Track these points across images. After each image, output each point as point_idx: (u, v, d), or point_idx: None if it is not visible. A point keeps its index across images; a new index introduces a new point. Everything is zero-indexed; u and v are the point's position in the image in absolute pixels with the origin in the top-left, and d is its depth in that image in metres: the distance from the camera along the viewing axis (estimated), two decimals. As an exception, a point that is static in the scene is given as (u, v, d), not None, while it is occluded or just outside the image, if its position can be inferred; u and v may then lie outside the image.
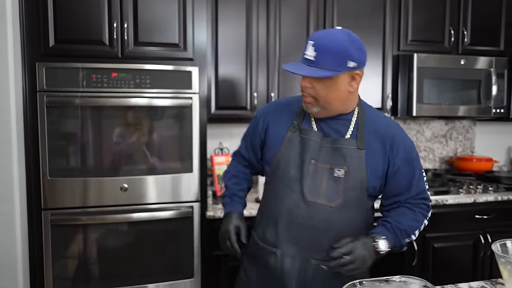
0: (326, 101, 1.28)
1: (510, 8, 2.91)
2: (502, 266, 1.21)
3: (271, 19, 2.51)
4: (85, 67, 1.97)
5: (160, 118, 2.10)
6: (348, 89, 1.28)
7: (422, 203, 1.37)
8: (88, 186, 2.02)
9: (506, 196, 2.62)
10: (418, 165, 1.36)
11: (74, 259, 2.04)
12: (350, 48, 1.22)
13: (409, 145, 1.35)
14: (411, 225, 1.33)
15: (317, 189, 1.31)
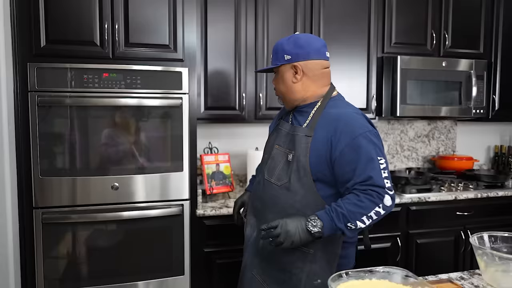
0: (282, 93, 1.58)
1: (488, 13, 3.02)
2: (479, 257, 1.29)
3: (259, 22, 2.56)
4: (76, 68, 1.99)
5: (151, 118, 2.14)
6: (293, 81, 1.51)
7: (370, 189, 1.34)
8: (79, 185, 2.04)
9: (485, 193, 2.72)
10: (367, 152, 1.36)
11: (65, 257, 2.06)
12: (285, 45, 1.51)
13: (356, 132, 1.37)
14: (351, 209, 1.33)
15: (273, 170, 1.55)
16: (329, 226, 1.34)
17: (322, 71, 1.53)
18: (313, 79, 1.52)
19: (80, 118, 2.04)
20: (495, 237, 1.36)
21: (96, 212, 2.06)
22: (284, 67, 1.52)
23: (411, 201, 2.57)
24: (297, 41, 1.50)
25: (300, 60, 1.49)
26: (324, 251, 1.46)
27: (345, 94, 2.72)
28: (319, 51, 1.51)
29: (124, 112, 2.09)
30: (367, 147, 1.37)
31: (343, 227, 1.34)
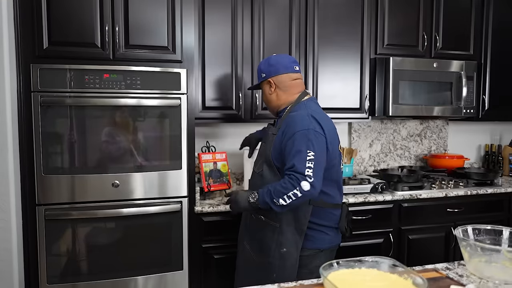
0: (265, 104, 2.00)
1: (478, 15, 3.11)
2: (463, 248, 1.37)
3: (255, 23, 2.63)
4: (77, 69, 2.06)
5: (150, 117, 2.20)
6: (269, 93, 1.91)
7: (292, 174, 1.63)
8: (81, 182, 2.10)
9: (475, 190, 2.80)
10: (298, 145, 1.66)
11: (67, 252, 2.12)
12: (261, 66, 1.92)
13: (296, 129, 1.69)
14: (277, 188, 1.65)
15: (256, 162, 1.94)
16: (262, 199, 1.69)
17: (291, 82, 1.88)
18: (284, 90, 1.88)
19: (81, 118, 2.10)
20: (479, 230, 1.44)
21: (97, 209, 2.13)
22: (263, 84, 1.94)
23: (403, 198, 2.65)
24: (269, 61, 1.90)
25: (272, 75, 1.87)
26: (289, 226, 1.76)
27: (339, 94, 2.83)
28: (287, 66, 1.87)
29: (124, 112, 2.15)
30: (300, 142, 1.66)
31: (270, 202, 1.66)
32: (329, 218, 1.80)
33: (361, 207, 2.56)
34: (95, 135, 2.12)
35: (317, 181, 1.63)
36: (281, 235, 1.76)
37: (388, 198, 2.61)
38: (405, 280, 1.11)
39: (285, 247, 1.75)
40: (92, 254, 2.15)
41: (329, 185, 1.78)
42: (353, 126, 3.25)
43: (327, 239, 1.81)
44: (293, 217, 1.75)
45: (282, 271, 1.75)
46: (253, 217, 1.89)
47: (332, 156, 1.76)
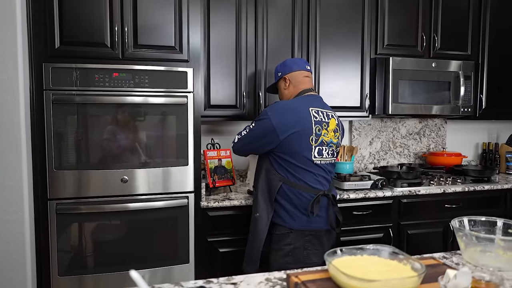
0: (280, 98, 2.27)
1: (476, 16, 3.18)
2: (459, 238, 1.44)
3: (259, 24, 2.70)
4: (88, 68, 2.13)
5: (157, 115, 2.28)
6: (284, 88, 2.19)
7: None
8: (91, 178, 2.18)
9: (472, 187, 2.88)
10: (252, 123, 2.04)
11: (77, 245, 2.20)
12: (277, 67, 2.23)
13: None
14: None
15: None
16: None
17: (302, 78, 2.15)
18: (295, 85, 2.15)
19: (91, 115, 2.17)
20: (474, 221, 1.51)
21: (107, 204, 2.20)
22: (279, 82, 2.23)
23: (402, 194, 2.72)
24: (284, 62, 2.20)
25: (287, 73, 2.16)
26: (262, 195, 2.04)
27: (340, 93, 2.90)
28: (299, 64, 2.16)
29: (132, 110, 2.23)
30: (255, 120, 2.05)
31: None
32: (299, 200, 1.96)
33: (362, 203, 2.64)
34: (104, 132, 2.20)
35: (241, 143, 2.08)
36: (256, 201, 2.07)
37: (388, 194, 2.69)
38: (404, 266, 1.18)
39: (258, 212, 2.05)
40: (101, 247, 2.23)
41: (297, 170, 1.97)
42: (354, 125, 3.32)
43: (298, 221, 1.97)
44: (266, 189, 2.03)
45: (254, 232, 2.05)
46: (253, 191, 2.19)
47: (291, 143, 1.95)
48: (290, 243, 1.96)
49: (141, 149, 2.27)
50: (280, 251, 1.98)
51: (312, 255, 1.98)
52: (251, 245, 2.07)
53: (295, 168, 1.97)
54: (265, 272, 1.35)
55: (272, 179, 2.00)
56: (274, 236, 2.02)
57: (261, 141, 1.99)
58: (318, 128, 1.99)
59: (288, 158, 1.96)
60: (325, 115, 2.04)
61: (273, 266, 1.96)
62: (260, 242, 2.01)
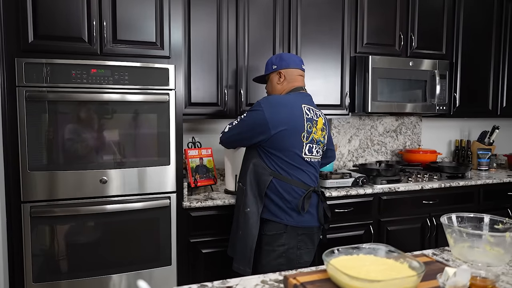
0: (269, 92, 2.21)
1: (450, 16, 3.27)
2: (449, 235, 1.46)
3: (240, 21, 2.66)
4: (64, 63, 2.03)
5: (138, 113, 2.20)
6: (278, 82, 2.13)
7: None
8: (68, 179, 2.08)
9: (448, 183, 2.96)
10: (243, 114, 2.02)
11: (54, 249, 2.09)
12: (272, 59, 2.15)
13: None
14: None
15: None
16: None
17: (296, 76, 2.12)
18: (288, 81, 2.11)
19: (68, 113, 2.07)
20: (462, 217, 1.54)
21: (85, 206, 2.11)
22: (271, 74, 2.15)
23: (382, 191, 2.76)
24: (281, 56, 2.14)
25: (283, 68, 2.10)
26: (252, 189, 1.98)
27: (320, 91, 2.91)
28: (296, 62, 2.13)
29: (111, 108, 2.14)
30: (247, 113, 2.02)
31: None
32: (290, 196, 1.94)
33: (344, 200, 2.65)
34: (82, 131, 2.10)
35: (230, 133, 2.06)
36: (246, 197, 1.99)
37: (369, 191, 2.72)
38: (401, 264, 1.18)
39: (248, 207, 1.98)
40: (79, 251, 2.13)
41: (288, 166, 1.95)
42: (333, 123, 3.34)
43: (290, 218, 1.94)
44: (256, 183, 1.98)
45: (246, 228, 1.97)
46: (239, 185, 2.12)
47: (282, 139, 1.93)
48: (283, 243, 1.92)
49: (120, 148, 2.19)
50: (273, 252, 1.94)
51: (304, 254, 1.97)
52: (244, 242, 1.98)
53: (286, 164, 1.94)
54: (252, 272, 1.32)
55: (261, 173, 1.96)
56: (266, 237, 1.96)
57: (251, 132, 1.95)
58: (310, 125, 1.98)
59: (278, 154, 1.94)
60: (314, 113, 2.03)
61: (266, 268, 1.90)
62: (253, 238, 1.94)
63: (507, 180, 3.17)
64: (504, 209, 3.16)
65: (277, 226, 1.94)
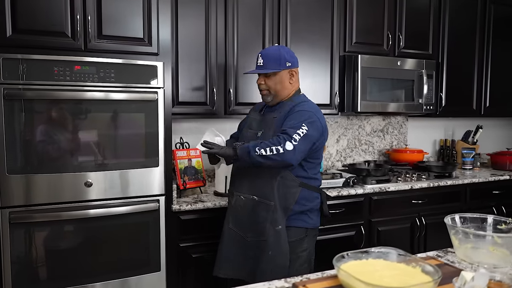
0: (276, 90, 1.96)
1: (436, 16, 3.28)
2: (454, 236, 1.43)
3: (229, 18, 2.59)
4: (45, 59, 1.90)
5: (125, 113, 2.10)
6: (289, 82, 1.96)
7: (281, 135, 1.77)
8: (50, 182, 1.95)
9: (436, 183, 2.96)
10: (298, 118, 1.81)
11: (35, 257, 1.96)
12: (284, 54, 1.94)
13: (304, 108, 1.87)
14: (264, 142, 1.78)
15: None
16: (244, 146, 1.81)
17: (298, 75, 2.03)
18: (296, 81, 2.02)
19: (50, 113, 1.95)
20: (465, 218, 1.51)
21: (69, 210, 1.99)
22: (283, 71, 1.94)
23: (373, 191, 2.74)
24: (290, 52, 1.98)
25: (296, 66, 1.99)
26: (280, 204, 1.85)
27: (309, 90, 2.85)
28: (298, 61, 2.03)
29: (97, 107, 2.03)
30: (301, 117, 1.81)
31: (251, 149, 1.76)
32: (314, 201, 1.94)
33: (335, 201, 2.61)
34: (65, 131, 1.98)
35: (299, 151, 1.75)
36: (276, 213, 1.84)
37: (360, 191, 2.69)
38: (413, 269, 1.14)
39: (280, 224, 1.84)
40: (62, 258, 2.01)
41: (317, 168, 1.96)
42: (321, 122, 3.30)
43: (311, 222, 1.95)
44: (284, 196, 1.86)
45: (277, 247, 1.84)
46: (242, 199, 1.93)
47: (323, 143, 1.93)
48: (306, 248, 1.90)
49: (106, 150, 2.08)
50: (298, 260, 1.89)
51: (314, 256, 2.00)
52: (275, 262, 1.82)
53: (316, 167, 1.94)
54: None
55: (291, 185, 1.86)
56: (289, 244, 1.87)
57: (316, 143, 1.85)
58: None
59: (316, 161, 1.93)
60: None
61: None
62: (287, 255, 1.84)
63: (492, 179, 3.21)
64: (490, 207, 3.20)
65: (299, 231, 1.89)
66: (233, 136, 2.30)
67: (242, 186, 1.96)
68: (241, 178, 1.97)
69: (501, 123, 4.18)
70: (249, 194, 1.91)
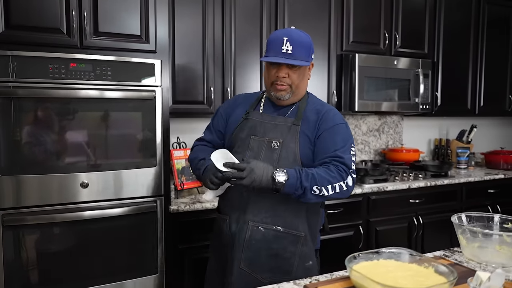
0: (298, 87, 1.56)
1: (431, 16, 3.29)
2: (461, 235, 1.41)
3: (226, 17, 2.55)
4: (40, 56, 1.84)
5: (122, 111, 2.04)
6: (308, 77, 1.62)
7: (339, 164, 1.45)
8: (45, 183, 1.89)
9: (433, 182, 2.96)
10: (344, 138, 1.51)
11: (29, 261, 1.90)
12: (312, 44, 1.56)
13: (337, 120, 1.55)
14: (320, 174, 1.41)
15: (255, 159, 1.47)
16: (294, 182, 1.38)
17: None
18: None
19: (45, 112, 1.89)
20: (470, 217, 1.50)
21: (65, 212, 1.93)
22: (308, 67, 1.59)
23: (371, 190, 2.72)
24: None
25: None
26: (311, 233, 1.56)
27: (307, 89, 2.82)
28: None
29: (92, 105, 1.98)
30: (345, 134, 1.53)
31: (309, 187, 1.38)
32: (323, 219, 1.69)
33: (334, 201, 2.59)
34: (60, 130, 1.92)
35: (354, 169, 1.50)
36: (305, 246, 1.53)
37: (358, 191, 2.67)
38: (426, 269, 1.12)
39: (310, 259, 1.54)
40: (58, 261, 1.94)
41: None
42: (318, 122, 3.28)
43: (319, 242, 1.68)
44: (314, 224, 1.57)
45: None
46: (261, 230, 1.50)
47: None
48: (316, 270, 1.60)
49: (102, 149, 2.02)
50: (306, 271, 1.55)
51: None
52: None
53: None
54: None
55: (316, 209, 1.59)
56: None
57: None
58: None
59: None
60: None
61: None
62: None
63: (487, 178, 3.22)
64: (485, 206, 3.21)
65: (313, 254, 1.58)
66: (205, 140, 1.74)
67: (260, 214, 1.51)
68: (256, 203, 1.52)
69: (495, 122, 4.21)
70: (272, 224, 1.50)
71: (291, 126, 1.54)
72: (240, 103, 1.68)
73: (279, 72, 1.52)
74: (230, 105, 1.72)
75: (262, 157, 1.51)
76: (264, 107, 1.63)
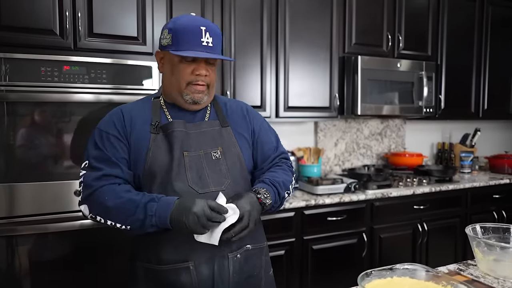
0: (213, 87, 1.33)
1: (435, 18, 3.22)
2: (477, 248, 1.34)
3: (225, 18, 2.47)
4: (32, 59, 1.77)
5: (117, 116, 1.96)
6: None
7: (286, 161, 1.46)
8: (36, 191, 1.81)
9: (438, 187, 2.89)
10: (270, 129, 1.48)
11: (21, 274, 1.81)
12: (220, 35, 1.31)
13: (259, 115, 1.49)
14: (285, 178, 1.36)
15: (203, 179, 1.25)
16: (274, 196, 1.30)
17: None
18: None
19: (36, 116, 1.81)
20: (485, 228, 1.42)
21: (58, 222, 1.84)
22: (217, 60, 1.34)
23: (375, 197, 2.64)
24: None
25: None
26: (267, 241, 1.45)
27: (308, 92, 2.77)
28: None
29: (87, 110, 1.89)
30: (267, 124, 1.49)
31: (284, 195, 1.34)
32: None
33: (337, 208, 2.52)
34: (53, 136, 1.84)
35: None
36: (267, 255, 1.41)
37: (362, 197, 2.60)
38: (444, 288, 1.04)
39: (271, 267, 1.43)
40: (52, 273, 1.86)
41: None
42: (319, 126, 3.21)
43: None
44: (261, 227, 1.44)
45: None
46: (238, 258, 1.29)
47: None
48: None
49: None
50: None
51: None
52: None
53: None
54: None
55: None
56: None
57: None
58: None
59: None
60: None
61: None
62: None
63: (492, 183, 3.15)
64: (490, 212, 3.14)
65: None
66: (113, 175, 1.24)
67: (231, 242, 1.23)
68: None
69: (499, 126, 4.14)
70: (242, 245, 1.30)
71: (220, 129, 1.34)
72: (132, 116, 1.30)
73: (199, 69, 1.25)
74: (119, 123, 1.29)
75: (209, 174, 1.26)
76: (171, 115, 1.32)
